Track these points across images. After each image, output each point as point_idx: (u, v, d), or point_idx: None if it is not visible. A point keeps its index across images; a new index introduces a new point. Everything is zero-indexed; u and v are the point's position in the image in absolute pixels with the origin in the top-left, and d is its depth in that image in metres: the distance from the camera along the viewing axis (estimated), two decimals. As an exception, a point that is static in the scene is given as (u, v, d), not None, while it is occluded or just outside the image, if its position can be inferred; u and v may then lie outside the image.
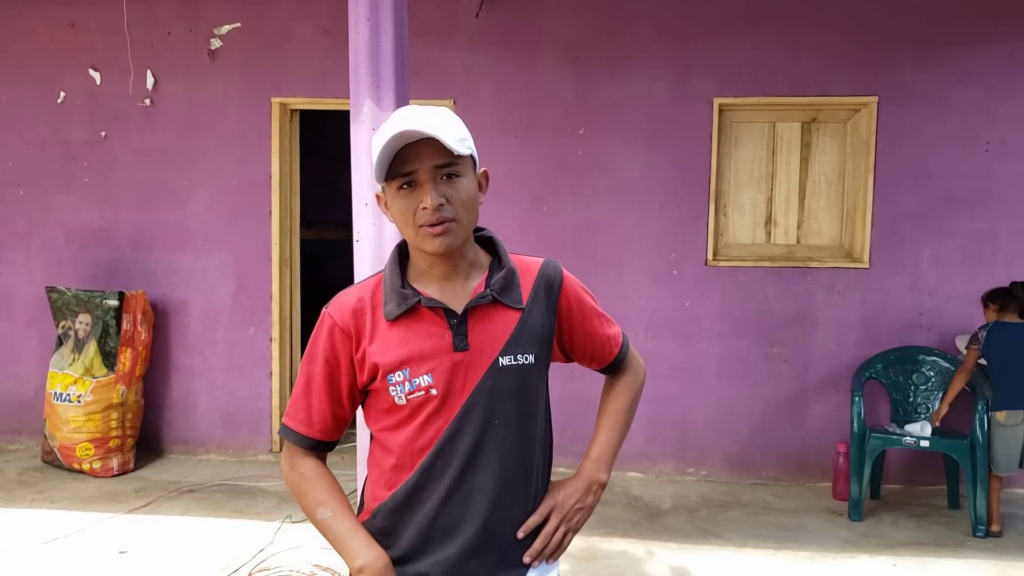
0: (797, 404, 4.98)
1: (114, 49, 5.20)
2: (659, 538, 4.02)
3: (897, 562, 3.77)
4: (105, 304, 4.84)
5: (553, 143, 5.00)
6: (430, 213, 1.38)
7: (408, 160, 1.38)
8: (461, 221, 1.41)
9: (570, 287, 1.57)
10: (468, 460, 1.43)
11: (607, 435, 1.66)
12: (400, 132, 1.34)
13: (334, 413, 1.49)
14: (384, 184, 1.43)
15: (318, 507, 1.47)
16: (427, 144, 1.37)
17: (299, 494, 1.51)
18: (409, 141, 1.37)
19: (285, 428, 1.52)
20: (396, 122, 1.37)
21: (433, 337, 1.43)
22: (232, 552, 3.72)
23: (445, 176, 1.40)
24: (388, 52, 2.96)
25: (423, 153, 1.37)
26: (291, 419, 1.51)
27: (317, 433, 1.49)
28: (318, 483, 1.49)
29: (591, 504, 1.60)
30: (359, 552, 1.42)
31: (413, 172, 1.38)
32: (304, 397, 1.49)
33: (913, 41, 4.83)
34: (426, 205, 1.37)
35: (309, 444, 1.50)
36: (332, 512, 1.46)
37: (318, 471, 1.51)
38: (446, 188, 1.39)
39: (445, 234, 1.39)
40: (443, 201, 1.38)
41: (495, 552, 1.47)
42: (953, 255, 4.87)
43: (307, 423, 1.49)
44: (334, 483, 1.52)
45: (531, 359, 1.47)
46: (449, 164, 1.39)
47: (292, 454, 1.52)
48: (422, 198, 1.38)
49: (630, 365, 1.72)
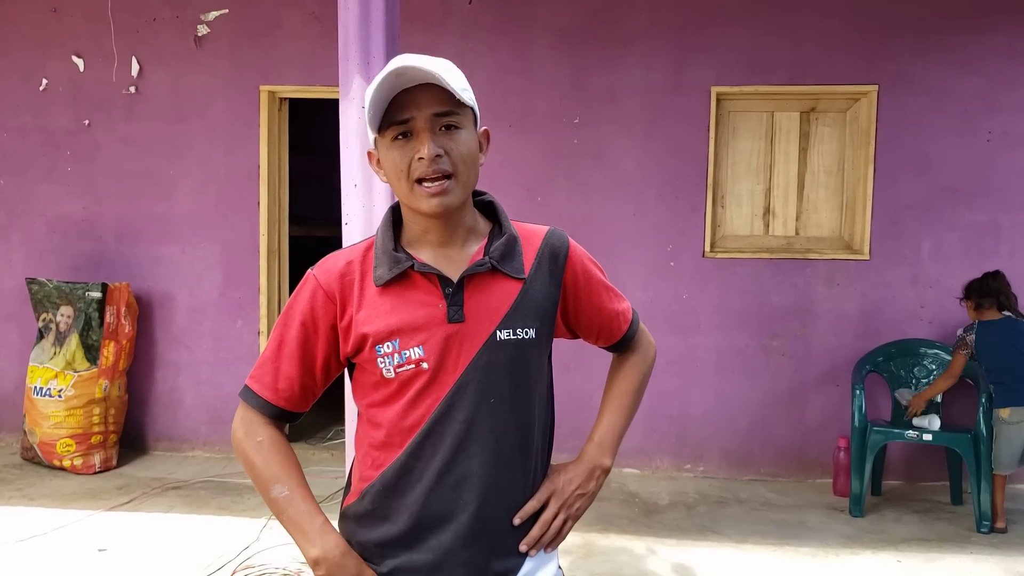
0: (796, 398, 4.89)
1: (98, 35, 5.07)
2: (657, 535, 3.91)
3: (901, 558, 3.68)
4: (87, 296, 4.71)
5: (548, 132, 4.90)
6: (427, 164, 1.27)
7: (405, 107, 1.27)
8: (460, 178, 1.30)
9: (576, 257, 1.47)
10: (461, 440, 1.32)
11: (612, 417, 1.56)
12: (399, 69, 1.23)
13: (303, 382, 1.37)
14: (377, 136, 1.32)
15: (273, 483, 1.34)
16: (426, 91, 1.26)
17: (251, 465, 1.37)
18: (408, 84, 1.26)
19: (248, 391, 1.39)
20: (394, 62, 1.25)
21: (426, 306, 1.32)
22: (216, 550, 3.60)
23: (444, 127, 1.29)
24: (379, 28, 2.85)
25: (421, 100, 1.27)
26: (255, 382, 1.38)
27: (282, 401, 1.37)
28: (275, 456, 1.37)
29: (593, 490, 1.49)
30: (315, 540, 1.31)
31: (410, 120, 1.27)
32: (273, 360, 1.37)
33: (913, 30, 4.75)
34: (423, 155, 1.26)
35: (271, 411, 1.38)
36: (288, 491, 1.34)
37: (277, 442, 1.38)
38: (445, 140, 1.29)
39: (443, 193, 1.28)
40: (441, 152, 1.27)
41: (491, 540, 1.36)
42: (954, 246, 4.79)
43: (272, 388, 1.37)
44: (293, 459, 1.39)
45: (531, 333, 1.37)
46: (449, 113, 1.28)
47: (250, 419, 1.39)
48: (419, 148, 1.27)
49: (639, 344, 1.62)
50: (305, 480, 1.38)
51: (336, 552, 1.32)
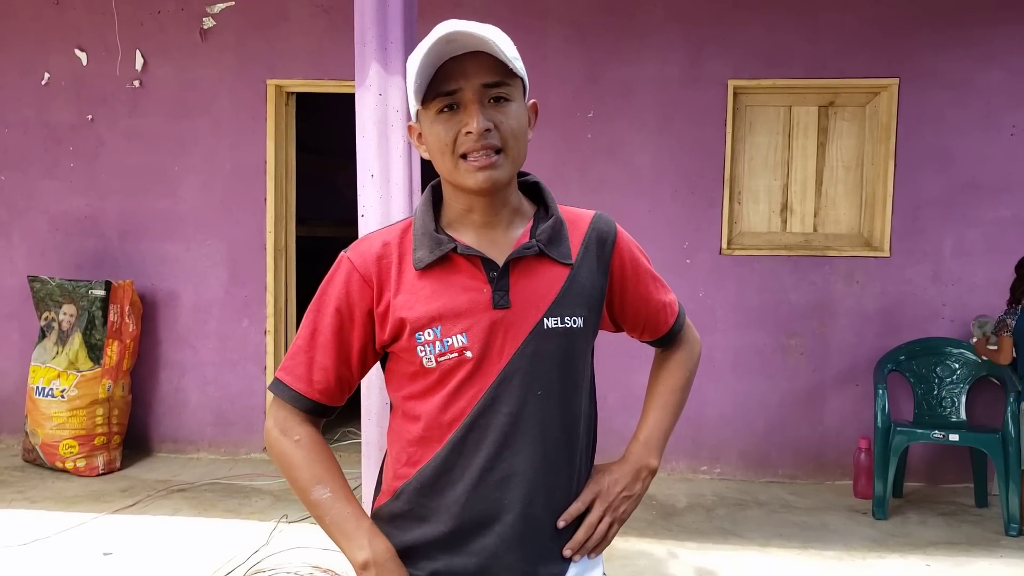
0: (815, 398, 4.78)
1: (101, 28, 4.96)
2: (677, 538, 3.81)
3: (930, 562, 3.57)
4: (91, 294, 4.60)
5: (561, 126, 4.79)
6: (475, 139, 1.17)
7: (452, 77, 1.18)
8: (510, 153, 1.21)
9: (624, 244, 1.37)
10: (506, 435, 1.23)
11: (658, 415, 1.47)
12: (448, 35, 1.14)
13: (339, 373, 1.28)
14: (420, 109, 1.23)
15: (315, 484, 1.25)
16: (475, 59, 1.17)
17: (289, 466, 1.28)
18: (457, 51, 1.16)
19: (279, 384, 1.29)
20: (442, 28, 1.16)
21: (469, 291, 1.23)
22: (225, 553, 3.49)
23: (494, 99, 1.20)
24: (396, 13, 2.74)
25: (470, 70, 1.17)
26: (287, 374, 1.28)
27: (317, 394, 1.28)
28: (315, 456, 1.27)
29: (639, 492, 1.40)
30: (363, 543, 1.22)
31: (458, 91, 1.18)
32: (307, 350, 1.27)
33: (934, 21, 4.65)
34: (471, 129, 1.17)
35: (306, 406, 1.28)
36: (332, 493, 1.25)
37: (316, 441, 1.29)
38: (494, 112, 1.19)
39: (491, 167, 1.19)
40: (490, 126, 1.18)
41: (535, 544, 1.27)
42: (977, 243, 4.68)
43: (307, 380, 1.27)
44: (333, 459, 1.30)
45: (579, 322, 1.27)
46: (500, 84, 1.19)
47: (285, 416, 1.29)
48: (467, 121, 1.18)
49: (685, 338, 1.53)
50: (346, 481, 1.29)
51: (386, 556, 1.23)
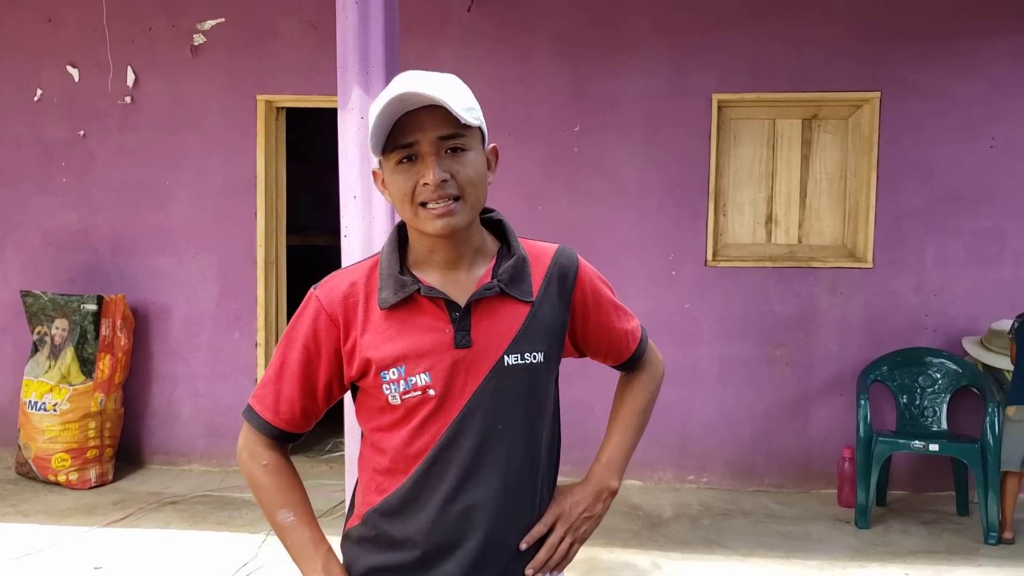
0: (800, 408, 4.84)
1: (93, 45, 5.02)
2: (662, 548, 3.86)
3: (909, 571, 3.62)
4: (83, 309, 4.65)
5: (548, 140, 4.85)
6: (432, 190, 1.23)
7: (409, 130, 1.23)
8: (467, 200, 1.26)
9: (586, 277, 1.43)
10: (467, 469, 1.29)
11: (620, 438, 1.53)
12: (401, 95, 1.19)
13: (304, 405, 1.35)
14: (381, 158, 1.29)
15: (280, 508, 1.34)
16: (431, 112, 1.22)
17: (257, 488, 1.37)
18: (411, 107, 1.22)
19: (250, 411, 1.37)
20: (397, 85, 1.22)
21: (432, 331, 1.29)
22: (214, 567, 3.54)
23: (450, 150, 1.25)
24: (378, 37, 2.81)
25: (425, 122, 1.23)
26: (258, 402, 1.36)
27: (282, 423, 1.35)
28: (281, 481, 1.36)
29: (600, 513, 1.46)
30: (318, 567, 1.31)
31: (414, 143, 1.24)
32: (275, 382, 1.35)
33: (915, 35, 4.72)
34: (427, 181, 1.23)
35: (272, 433, 1.36)
36: (294, 517, 1.34)
37: (282, 466, 1.38)
38: (451, 163, 1.25)
39: (449, 214, 1.24)
40: (447, 177, 1.24)
41: (497, 566, 1.34)
42: (958, 254, 4.74)
43: (274, 410, 1.35)
44: (298, 483, 1.39)
45: (540, 357, 1.33)
46: (455, 135, 1.24)
47: (254, 440, 1.38)
48: (423, 173, 1.23)
49: (648, 362, 1.59)
50: (309, 505, 1.38)
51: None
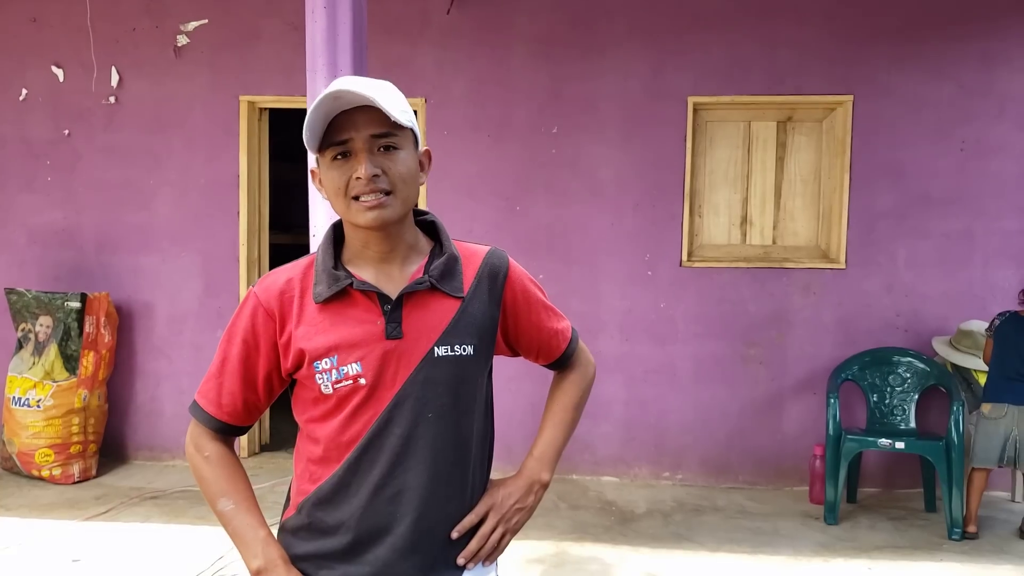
0: (774, 407, 4.91)
1: (77, 45, 5.08)
2: (632, 543, 3.93)
3: (872, 566, 3.70)
4: (66, 306, 4.71)
5: (526, 141, 4.92)
6: (364, 184, 1.29)
7: (343, 128, 1.30)
8: (398, 195, 1.33)
9: (516, 278, 1.49)
10: (398, 455, 1.35)
11: (552, 433, 1.59)
12: (336, 92, 1.27)
13: (245, 398, 1.41)
14: (318, 156, 1.36)
15: (220, 497, 1.40)
16: (364, 112, 1.30)
17: (200, 479, 1.43)
18: (346, 106, 1.29)
19: (195, 405, 1.43)
20: (334, 85, 1.29)
21: (364, 323, 1.35)
22: (191, 560, 3.60)
23: (383, 148, 1.32)
24: (346, 41, 2.88)
25: (359, 121, 1.30)
26: (202, 397, 1.43)
27: (225, 416, 1.41)
28: (222, 471, 1.42)
29: (532, 505, 1.52)
30: (257, 551, 1.36)
31: (348, 140, 1.30)
32: (217, 376, 1.41)
33: (888, 39, 4.79)
34: (360, 175, 1.29)
35: (215, 426, 1.42)
36: (234, 504, 1.39)
37: (224, 457, 1.44)
38: (383, 159, 1.32)
39: (380, 207, 1.31)
40: (378, 172, 1.30)
41: (428, 553, 1.39)
42: (929, 255, 4.82)
43: (216, 403, 1.41)
44: (240, 472, 1.45)
45: (470, 350, 1.39)
46: (387, 134, 1.31)
47: (199, 434, 1.44)
48: (356, 168, 1.30)
49: (579, 361, 1.64)
50: (251, 494, 1.43)
51: (277, 563, 1.35)
